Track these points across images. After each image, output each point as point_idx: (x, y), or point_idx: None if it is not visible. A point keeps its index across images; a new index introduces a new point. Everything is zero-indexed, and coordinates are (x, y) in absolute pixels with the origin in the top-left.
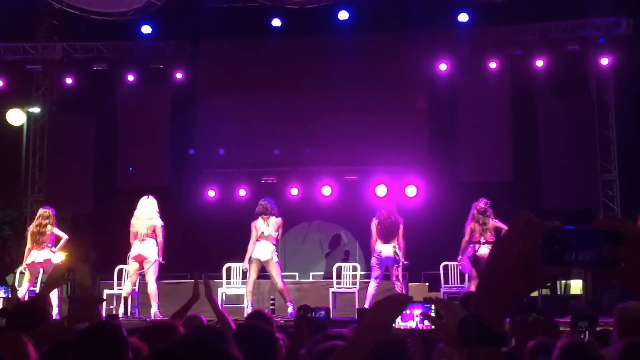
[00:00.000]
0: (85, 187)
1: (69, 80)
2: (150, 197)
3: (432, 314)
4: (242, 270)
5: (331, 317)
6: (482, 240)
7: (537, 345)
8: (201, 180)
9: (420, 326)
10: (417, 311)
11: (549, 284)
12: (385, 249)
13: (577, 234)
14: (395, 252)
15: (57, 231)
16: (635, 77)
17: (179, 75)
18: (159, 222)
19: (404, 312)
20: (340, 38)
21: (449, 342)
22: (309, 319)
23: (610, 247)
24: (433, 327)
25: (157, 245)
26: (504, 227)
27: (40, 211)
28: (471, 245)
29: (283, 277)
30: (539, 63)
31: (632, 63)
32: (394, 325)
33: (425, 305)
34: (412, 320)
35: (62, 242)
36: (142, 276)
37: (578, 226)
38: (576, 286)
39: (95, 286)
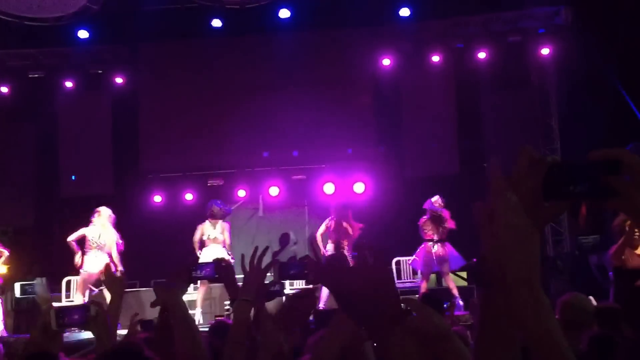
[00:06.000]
0: (25, 199)
1: (4, 90)
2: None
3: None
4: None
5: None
6: (435, 237)
7: None
8: (146, 185)
9: None
10: None
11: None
12: (332, 250)
13: (575, 167)
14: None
15: None
16: (575, 66)
17: (118, 80)
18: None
19: None
20: (282, 37)
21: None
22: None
23: (607, 177)
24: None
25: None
26: (451, 223)
27: None
28: (424, 244)
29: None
30: (482, 55)
31: (571, 52)
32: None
33: None
34: None
35: (3, 259)
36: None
37: (576, 159)
38: None
39: None
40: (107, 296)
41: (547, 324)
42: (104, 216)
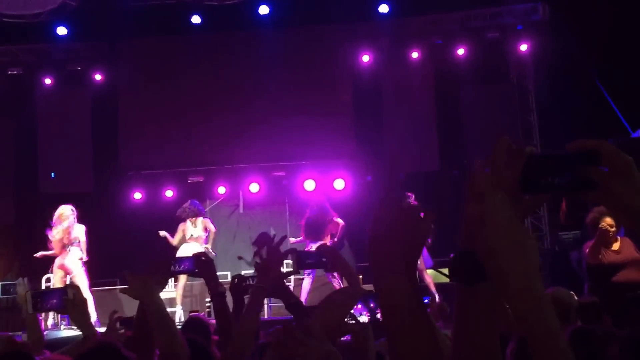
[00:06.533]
0: (5, 196)
1: None
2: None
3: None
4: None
5: (266, 317)
6: None
7: None
8: (126, 182)
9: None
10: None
11: None
12: (314, 248)
13: (553, 158)
14: None
15: None
16: (553, 62)
17: (98, 77)
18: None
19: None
20: (261, 33)
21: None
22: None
23: (585, 168)
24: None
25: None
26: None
27: None
28: None
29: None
30: (460, 51)
31: (549, 48)
32: (345, 320)
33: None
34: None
35: None
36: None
37: (555, 150)
38: None
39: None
40: (82, 288)
41: (546, 317)
42: (60, 216)
